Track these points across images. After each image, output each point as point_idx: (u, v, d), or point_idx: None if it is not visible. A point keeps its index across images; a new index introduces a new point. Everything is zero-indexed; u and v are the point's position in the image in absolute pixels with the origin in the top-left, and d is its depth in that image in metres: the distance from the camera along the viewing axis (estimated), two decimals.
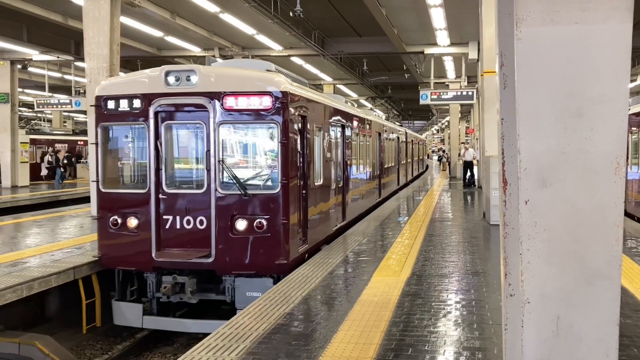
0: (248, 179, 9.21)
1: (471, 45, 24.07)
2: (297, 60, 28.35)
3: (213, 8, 18.86)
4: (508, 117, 3.38)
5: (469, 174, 26.12)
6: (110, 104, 9.37)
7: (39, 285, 8.65)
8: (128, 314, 9.28)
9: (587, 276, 3.31)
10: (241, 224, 8.87)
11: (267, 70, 9.83)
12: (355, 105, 18.86)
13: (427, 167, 52.86)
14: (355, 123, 15.17)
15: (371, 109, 34.45)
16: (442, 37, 23.26)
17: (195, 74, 8.99)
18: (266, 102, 8.78)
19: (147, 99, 9.13)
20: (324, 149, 11.47)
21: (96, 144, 9.51)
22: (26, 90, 37.90)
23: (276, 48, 25.57)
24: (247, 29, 21.92)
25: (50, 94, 31.30)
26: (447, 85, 31.90)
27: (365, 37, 25.79)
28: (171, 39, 23.91)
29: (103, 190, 9.53)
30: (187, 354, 5.44)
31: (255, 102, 8.82)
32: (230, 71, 9.67)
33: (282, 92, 8.80)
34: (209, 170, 8.95)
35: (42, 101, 28.36)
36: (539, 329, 3.35)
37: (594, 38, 3.18)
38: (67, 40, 25.08)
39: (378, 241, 11.70)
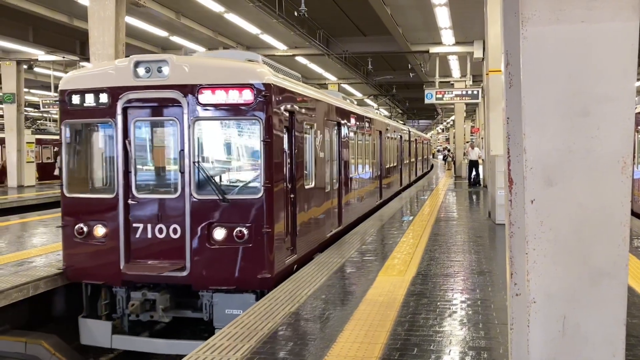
0: (227, 183, 8.43)
1: (476, 44, 24.04)
2: (301, 59, 28.36)
3: (218, 8, 18.90)
4: (513, 116, 3.37)
5: (474, 173, 26.07)
6: (75, 99, 8.46)
7: (45, 285, 8.68)
8: (96, 332, 8.37)
9: (593, 276, 3.29)
10: (219, 233, 7.94)
11: (249, 61, 8.88)
12: (356, 103, 18.09)
13: (432, 166, 52.76)
14: (352, 121, 14.32)
15: (377, 109, 34.38)
16: (447, 36, 23.23)
17: (167, 64, 8.06)
18: (247, 95, 7.87)
19: (115, 93, 8.23)
20: (317, 148, 10.58)
21: (60, 143, 8.74)
22: (32, 91, 38.07)
23: (281, 48, 25.59)
24: (252, 29, 21.95)
25: (56, 94, 31.42)
26: (452, 84, 31.84)
27: (370, 36, 25.79)
28: (176, 39, 23.96)
29: (68, 194, 8.62)
30: (192, 354, 5.45)
31: (235, 96, 7.90)
32: (207, 61, 8.76)
33: (264, 84, 7.89)
34: (182, 173, 8.03)
35: (48, 101, 28.48)
36: (545, 329, 3.34)
37: (600, 37, 3.17)
38: (72, 41, 25.17)
39: (383, 240, 11.68)
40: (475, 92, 25.15)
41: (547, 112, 3.24)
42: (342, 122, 12.93)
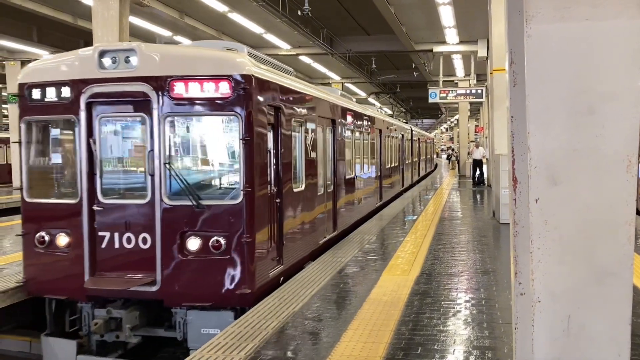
0: (202, 186, 7.59)
1: (480, 43, 24.01)
2: (305, 59, 28.38)
3: (222, 7, 18.91)
4: (518, 114, 3.36)
5: (478, 172, 26.04)
6: (36, 94, 7.66)
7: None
8: (59, 352, 7.57)
9: (598, 275, 3.28)
10: (193, 243, 7.14)
11: (227, 50, 8.01)
12: (354, 100, 17.25)
13: (436, 166, 52.67)
14: (349, 118, 13.43)
15: (380, 109, 34.31)
16: (451, 35, 23.21)
17: (135, 54, 7.26)
18: (224, 88, 7.08)
19: (78, 86, 7.43)
20: (308, 148, 9.74)
21: (19, 142, 7.87)
22: None
23: (284, 47, 25.60)
24: (256, 28, 21.97)
25: None
26: (456, 83, 31.83)
27: (373, 35, 25.77)
28: (180, 39, 23.98)
29: (28, 200, 7.83)
30: (196, 353, 5.46)
31: (210, 89, 7.11)
32: (180, 50, 7.96)
33: (244, 75, 7.10)
34: (152, 176, 7.24)
35: None
36: (549, 328, 3.33)
37: (604, 35, 3.15)
38: (76, 41, 25.21)
39: (387, 240, 11.67)
40: (479, 91, 25.12)
41: (551, 110, 3.23)
42: (338, 119, 12.17)
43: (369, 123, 16.32)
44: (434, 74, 29.81)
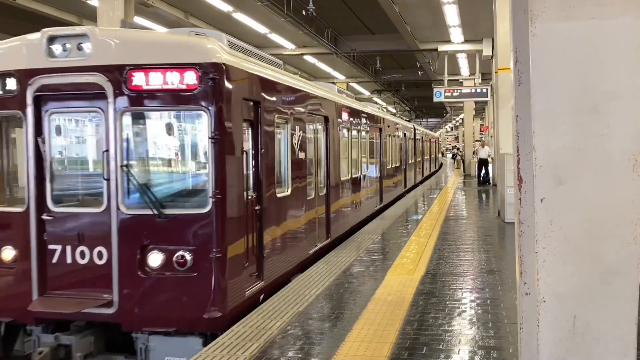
0: (165, 193, 6.62)
1: (485, 42, 23.96)
2: (310, 58, 28.39)
3: (226, 7, 18.93)
4: (523, 114, 3.35)
5: (483, 171, 26.00)
6: None
7: None
8: None
9: (604, 274, 3.27)
10: (155, 259, 6.24)
11: (196, 34, 7.10)
12: (353, 97, 16.54)
13: (441, 165, 52.57)
14: (345, 116, 12.43)
15: (385, 108, 34.26)
16: (456, 34, 23.18)
17: (88, 39, 6.35)
18: (190, 78, 6.19)
19: (24, 77, 6.52)
20: (295, 147, 8.81)
21: None
22: None
23: (289, 47, 25.62)
24: (260, 28, 21.99)
25: None
26: (461, 82, 31.78)
27: (378, 34, 25.77)
28: None
29: None
30: (201, 352, 5.47)
31: (174, 79, 6.22)
32: (140, 35, 6.87)
33: (213, 64, 6.21)
34: (108, 180, 6.33)
35: None
36: (555, 328, 3.31)
37: (610, 33, 3.14)
38: None
39: (392, 239, 11.66)
40: (484, 90, 25.08)
41: (556, 109, 3.21)
42: (332, 117, 11.23)
43: (368, 121, 15.47)
44: (438, 73, 29.79)
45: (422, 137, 32.28)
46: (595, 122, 3.18)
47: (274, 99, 7.93)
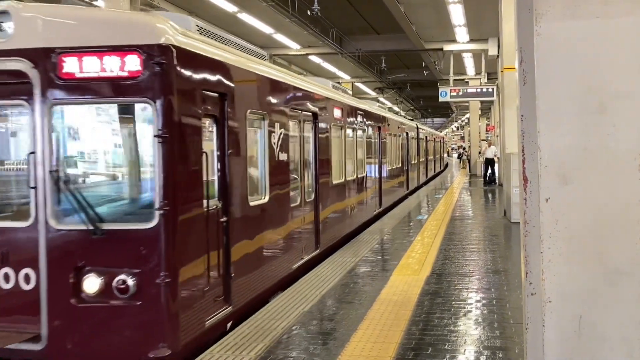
0: (103, 204, 5.55)
1: (491, 42, 23.93)
2: (315, 58, 28.39)
3: (231, 8, 18.97)
4: (528, 113, 3.33)
5: (489, 171, 25.95)
6: None
7: None
8: None
9: (609, 275, 3.25)
10: (92, 284, 5.20)
11: (141, 8, 5.89)
12: (350, 93, 15.61)
13: (446, 165, 52.42)
14: (337, 113, 11.30)
15: (390, 109, 34.19)
16: (462, 33, 23.13)
17: (9, 17, 5.31)
18: (132, 63, 5.13)
19: None
20: (274, 148, 7.68)
21: None
22: None
23: (294, 47, 25.63)
24: (265, 28, 22.01)
25: None
26: (467, 82, 31.72)
27: (383, 34, 25.74)
28: None
29: None
30: (206, 352, 5.47)
31: (114, 65, 5.15)
32: (73, 12, 5.70)
33: (161, 46, 5.14)
34: (34, 188, 5.30)
35: None
36: (560, 329, 3.30)
37: (615, 32, 3.12)
38: None
39: (397, 239, 11.64)
40: (490, 90, 25.04)
41: (561, 109, 3.20)
42: (322, 113, 10.11)
43: (365, 119, 14.37)
44: (444, 73, 29.73)
45: (426, 137, 31.63)
46: (600, 122, 3.17)
47: (246, 91, 6.88)
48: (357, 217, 12.98)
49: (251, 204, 6.91)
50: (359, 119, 13.67)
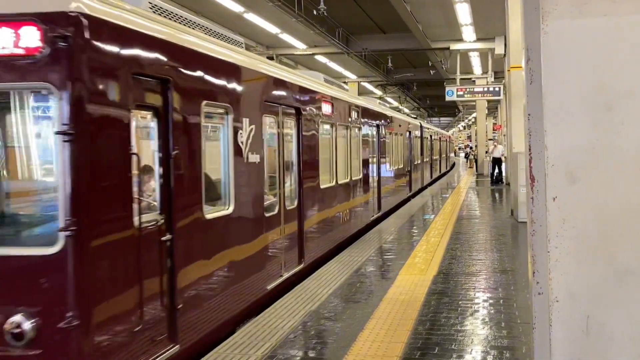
0: None
1: (497, 41, 23.84)
2: (321, 58, 28.38)
3: (237, 8, 18.99)
4: (534, 112, 3.32)
5: (497, 170, 25.87)
6: None
7: None
8: None
9: (618, 274, 3.23)
10: None
11: None
12: (347, 89, 14.56)
13: (453, 164, 52.26)
14: (327, 108, 10.12)
15: (398, 110, 34.11)
16: (468, 32, 23.07)
17: None
18: (28, 38, 4.01)
19: None
20: (242, 148, 6.50)
21: None
22: None
23: (300, 47, 25.63)
24: (272, 28, 22.02)
25: None
26: (474, 81, 31.64)
27: (389, 33, 25.71)
28: None
29: None
30: (213, 352, 5.48)
31: (6, 40, 4.03)
32: None
33: (68, 15, 4.02)
34: None
35: None
36: (568, 328, 3.28)
37: (624, 30, 3.11)
38: None
39: (404, 239, 11.63)
40: (496, 89, 24.97)
41: (568, 108, 3.19)
42: (308, 109, 8.97)
43: (361, 117, 13.13)
44: (450, 72, 29.66)
45: (431, 136, 30.44)
46: (608, 120, 3.15)
47: (200, 78, 5.68)
48: (351, 224, 11.88)
49: (208, 216, 5.73)
50: (354, 116, 12.44)
